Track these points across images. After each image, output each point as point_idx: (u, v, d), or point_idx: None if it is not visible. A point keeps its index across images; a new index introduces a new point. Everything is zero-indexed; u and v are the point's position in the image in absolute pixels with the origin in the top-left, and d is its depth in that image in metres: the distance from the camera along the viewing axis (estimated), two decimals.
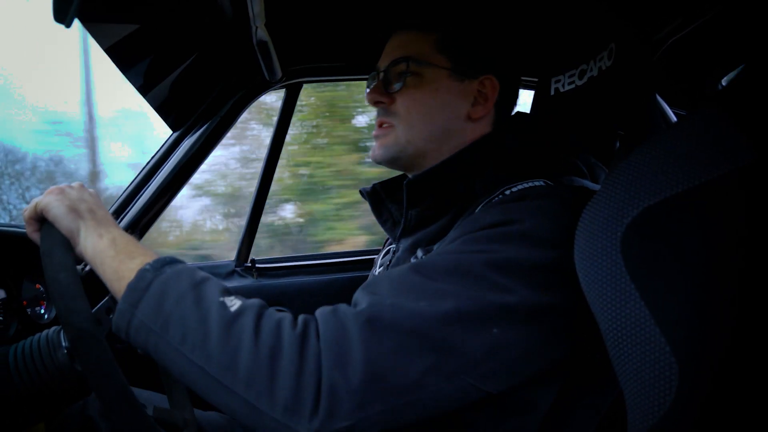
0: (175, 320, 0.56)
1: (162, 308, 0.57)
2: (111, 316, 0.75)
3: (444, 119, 0.81)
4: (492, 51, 0.84)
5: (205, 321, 0.55)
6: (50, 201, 0.69)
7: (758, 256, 0.44)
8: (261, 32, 1.06)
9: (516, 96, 0.89)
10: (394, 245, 0.90)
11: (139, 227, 1.34)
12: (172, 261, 0.63)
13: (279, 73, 1.35)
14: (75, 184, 0.75)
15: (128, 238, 0.69)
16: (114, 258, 0.64)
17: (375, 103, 0.85)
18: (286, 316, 0.58)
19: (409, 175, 0.83)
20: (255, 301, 0.59)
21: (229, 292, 0.60)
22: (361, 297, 0.60)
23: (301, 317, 0.58)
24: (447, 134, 0.81)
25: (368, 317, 0.55)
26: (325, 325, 0.56)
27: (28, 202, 0.72)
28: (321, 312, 0.59)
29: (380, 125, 0.85)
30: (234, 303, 0.57)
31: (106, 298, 0.77)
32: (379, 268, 0.94)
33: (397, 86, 0.82)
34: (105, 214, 0.72)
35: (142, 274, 0.60)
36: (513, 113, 0.88)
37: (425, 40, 0.83)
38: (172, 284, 0.59)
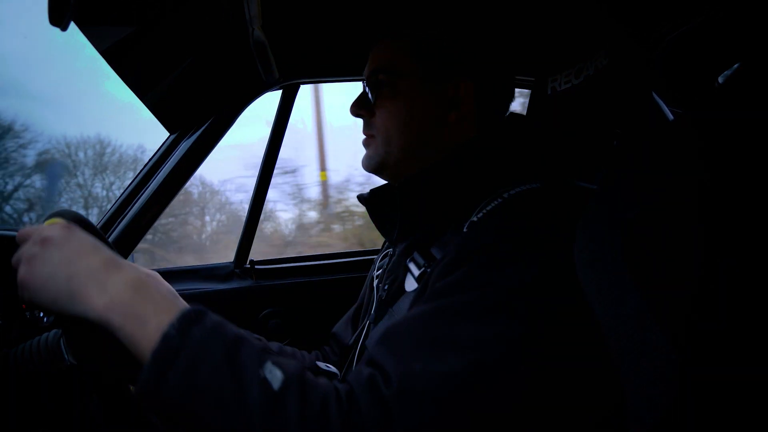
0: (210, 397, 0.50)
1: (194, 382, 0.50)
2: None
3: (420, 127, 0.81)
4: (463, 54, 0.83)
5: (246, 400, 0.50)
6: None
7: (755, 253, 0.44)
8: (258, 34, 1.06)
9: (505, 96, 0.87)
10: (391, 249, 0.91)
11: (136, 231, 1.34)
12: (196, 317, 0.54)
13: (276, 74, 1.35)
14: (36, 238, 0.59)
15: (131, 293, 0.56)
16: (123, 326, 0.54)
17: (357, 116, 0.87)
18: (330, 391, 0.54)
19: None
20: (295, 370, 0.54)
21: (267, 351, 0.55)
22: (383, 357, 0.57)
23: (342, 390, 0.54)
24: (424, 141, 0.82)
25: (403, 393, 0.52)
26: (366, 403, 0.53)
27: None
28: (358, 383, 0.55)
29: (366, 135, 0.87)
30: (275, 375, 0.52)
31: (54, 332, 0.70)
32: (378, 270, 0.95)
33: (373, 99, 0.84)
34: (90, 264, 0.57)
35: (167, 340, 0.51)
36: (507, 114, 0.88)
37: (398, 48, 0.83)
38: (203, 352, 0.51)
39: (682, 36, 1.19)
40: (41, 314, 1.02)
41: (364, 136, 0.87)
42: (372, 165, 0.85)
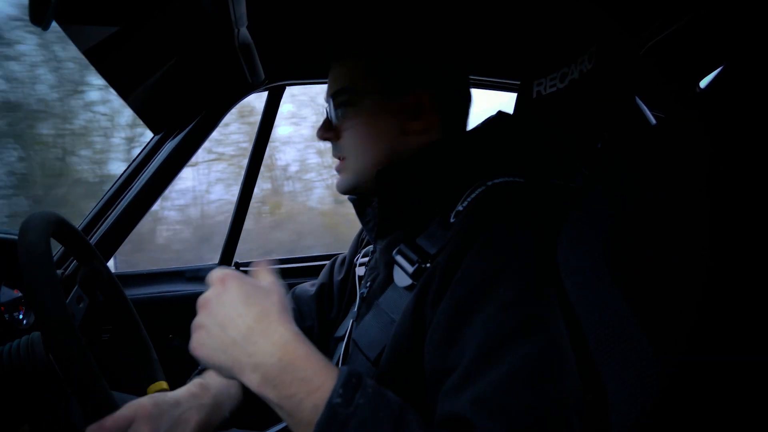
0: None
1: None
2: (82, 305, 0.75)
3: (387, 142, 0.80)
4: (421, 65, 0.82)
5: None
6: None
7: (737, 256, 0.44)
8: (243, 34, 1.06)
9: (464, 99, 0.87)
10: (372, 246, 0.91)
11: (119, 232, 1.33)
12: (357, 382, 0.54)
13: (262, 76, 1.34)
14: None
15: (280, 372, 0.54)
16: (279, 405, 0.54)
17: (324, 140, 0.85)
18: None
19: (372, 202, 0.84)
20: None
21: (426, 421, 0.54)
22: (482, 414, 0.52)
23: None
24: (394, 154, 0.80)
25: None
26: None
27: None
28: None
29: (337, 158, 0.85)
30: None
31: (75, 288, 0.75)
32: (360, 266, 0.95)
33: (337, 121, 0.83)
34: (241, 354, 0.56)
35: (333, 411, 0.51)
36: (497, 113, 0.89)
37: (355, 67, 0.82)
38: (371, 423, 0.51)
39: (663, 41, 1.21)
40: (20, 316, 1.00)
41: (336, 162, 0.86)
42: (347, 186, 0.84)
